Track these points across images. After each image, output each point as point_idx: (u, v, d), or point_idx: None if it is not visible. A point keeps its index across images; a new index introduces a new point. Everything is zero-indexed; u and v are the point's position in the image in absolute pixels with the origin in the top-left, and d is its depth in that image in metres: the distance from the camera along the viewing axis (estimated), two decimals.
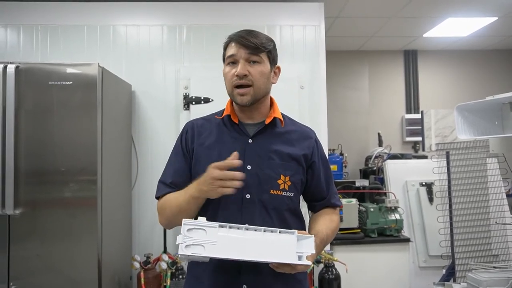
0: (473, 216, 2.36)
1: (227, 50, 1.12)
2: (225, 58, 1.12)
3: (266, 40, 1.12)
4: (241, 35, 1.09)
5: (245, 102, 1.09)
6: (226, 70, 1.12)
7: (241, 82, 1.07)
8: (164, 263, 2.26)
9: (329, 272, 2.38)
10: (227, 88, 1.12)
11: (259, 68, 1.09)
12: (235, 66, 1.08)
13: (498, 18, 3.42)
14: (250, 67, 1.08)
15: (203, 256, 0.91)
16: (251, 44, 1.07)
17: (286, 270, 0.95)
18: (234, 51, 1.08)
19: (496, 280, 1.96)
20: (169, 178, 1.15)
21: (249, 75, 1.07)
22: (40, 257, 1.88)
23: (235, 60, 1.09)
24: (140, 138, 2.58)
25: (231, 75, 1.09)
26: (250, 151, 1.11)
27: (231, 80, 1.09)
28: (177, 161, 1.16)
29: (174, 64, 2.61)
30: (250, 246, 0.95)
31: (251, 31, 1.12)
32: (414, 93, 4.37)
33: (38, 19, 2.58)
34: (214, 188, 0.97)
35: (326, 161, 1.24)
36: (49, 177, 1.91)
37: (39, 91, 1.91)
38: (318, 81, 2.67)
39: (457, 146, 2.38)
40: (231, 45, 1.10)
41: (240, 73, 1.06)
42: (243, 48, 1.07)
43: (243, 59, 1.08)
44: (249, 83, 1.07)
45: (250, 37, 1.08)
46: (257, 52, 1.08)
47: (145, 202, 2.54)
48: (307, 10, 2.70)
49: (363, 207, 2.68)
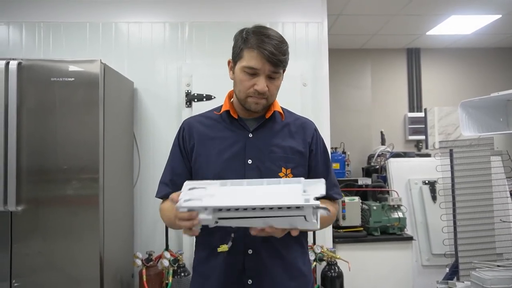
0: (476, 214, 2.34)
1: (247, 57, 1.04)
2: (243, 64, 1.05)
3: (288, 52, 1.07)
4: (271, 51, 1.01)
5: (258, 109, 1.09)
6: (241, 77, 1.06)
7: (259, 96, 1.06)
8: (166, 261, 2.25)
9: (331, 270, 2.37)
10: (240, 94, 1.09)
11: (276, 83, 1.08)
12: (254, 77, 1.04)
13: (502, 16, 3.40)
14: (269, 83, 1.05)
15: (203, 207, 0.84)
16: (279, 63, 1.04)
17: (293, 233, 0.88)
18: (258, 65, 1.03)
19: (500, 278, 1.95)
20: (167, 177, 1.15)
21: (267, 91, 1.06)
22: (42, 255, 1.88)
23: (256, 73, 1.04)
24: (142, 136, 2.58)
25: (248, 85, 1.05)
26: (251, 145, 1.10)
27: (247, 90, 1.06)
28: (175, 159, 1.16)
29: (176, 61, 2.61)
30: (251, 195, 0.87)
31: (278, 40, 1.04)
32: (417, 91, 4.35)
33: (40, 17, 2.58)
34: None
35: (326, 151, 1.22)
36: (51, 175, 1.91)
37: (41, 87, 1.91)
38: (321, 78, 2.65)
39: (461, 144, 2.36)
40: (255, 55, 1.02)
41: (262, 91, 1.04)
42: (269, 65, 1.03)
43: (264, 75, 1.04)
44: (265, 96, 1.07)
45: (280, 53, 1.03)
46: (280, 68, 1.06)
47: (147, 200, 2.54)
48: (310, 7, 2.69)
49: (366, 205, 2.67)
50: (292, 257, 1.10)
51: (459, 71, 4.40)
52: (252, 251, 1.05)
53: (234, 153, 1.10)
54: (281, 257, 1.08)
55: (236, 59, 1.09)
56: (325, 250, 2.39)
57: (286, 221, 0.84)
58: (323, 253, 2.36)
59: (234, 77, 1.10)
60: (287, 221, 0.84)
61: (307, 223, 0.83)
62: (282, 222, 0.85)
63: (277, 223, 0.85)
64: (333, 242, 2.55)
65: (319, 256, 2.35)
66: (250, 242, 1.05)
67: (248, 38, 1.05)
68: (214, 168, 1.08)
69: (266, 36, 1.04)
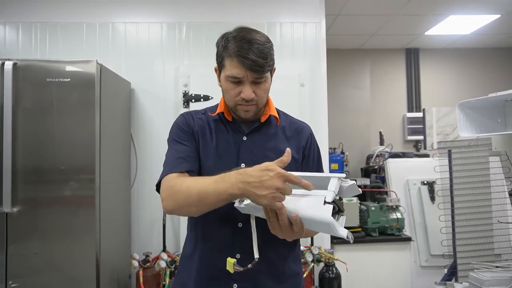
0: (475, 215, 2.33)
1: (229, 66, 1.01)
2: (226, 74, 1.02)
3: (271, 54, 1.02)
4: (252, 60, 0.96)
5: (248, 116, 1.07)
6: (227, 86, 1.03)
7: (246, 104, 1.03)
8: (163, 262, 2.25)
9: (329, 271, 2.36)
10: (228, 102, 1.07)
11: (263, 87, 1.04)
12: (239, 85, 1.02)
13: (501, 16, 3.39)
14: (255, 88, 1.02)
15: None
16: (259, 69, 0.99)
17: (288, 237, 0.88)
18: (240, 74, 0.99)
19: (498, 279, 1.94)
20: (184, 153, 1.04)
21: (255, 97, 1.03)
22: (38, 256, 1.87)
23: (240, 80, 1.01)
24: (139, 136, 2.57)
25: (235, 93, 1.03)
26: (244, 149, 1.09)
27: (234, 98, 1.04)
28: (187, 141, 1.08)
29: (173, 62, 2.60)
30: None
31: (259, 45, 0.99)
32: (415, 91, 4.34)
33: (37, 17, 2.57)
34: (270, 199, 0.82)
35: (319, 157, 1.20)
36: (46, 175, 1.90)
37: (37, 88, 1.90)
38: (319, 79, 2.64)
39: (459, 144, 2.35)
40: (235, 63, 0.99)
41: (248, 97, 1.01)
42: (251, 73, 0.99)
43: (249, 82, 1.01)
44: (254, 102, 1.04)
45: (261, 58, 0.97)
46: (264, 73, 1.02)
47: (144, 201, 2.53)
48: (308, 7, 2.68)
49: (364, 206, 2.66)
50: (282, 261, 1.09)
51: (458, 71, 4.39)
52: (240, 256, 1.03)
53: (227, 155, 1.08)
54: (270, 261, 1.05)
55: (220, 68, 1.07)
56: (323, 251, 2.38)
57: (302, 204, 0.83)
58: (321, 254, 2.35)
59: (221, 85, 1.08)
60: (303, 204, 0.83)
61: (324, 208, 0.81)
62: (297, 204, 0.84)
63: (291, 204, 0.83)
64: (331, 243, 2.54)
65: (317, 257, 2.34)
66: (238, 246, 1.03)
67: (228, 45, 1.01)
68: (208, 168, 1.07)
69: (246, 41, 0.99)
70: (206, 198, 0.91)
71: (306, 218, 0.83)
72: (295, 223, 0.84)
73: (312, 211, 0.81)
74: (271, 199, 0.82)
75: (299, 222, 0.84)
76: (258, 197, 0.83)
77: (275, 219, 0.86)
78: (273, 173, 0.82)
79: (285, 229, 0.87)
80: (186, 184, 0.95)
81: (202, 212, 0.96)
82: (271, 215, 0.86)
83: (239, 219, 1.03)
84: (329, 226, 0.79)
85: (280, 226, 0.86)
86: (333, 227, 0.79)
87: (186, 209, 0.95)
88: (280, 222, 0.86)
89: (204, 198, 0.91)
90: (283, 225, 0.86)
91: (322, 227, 0.83)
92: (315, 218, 0.81)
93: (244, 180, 0.85)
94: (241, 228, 1.04)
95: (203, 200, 0.91)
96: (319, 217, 0.80)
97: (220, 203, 0.91)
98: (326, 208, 0.80)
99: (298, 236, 0.90)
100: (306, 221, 0.83)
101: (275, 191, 0.82)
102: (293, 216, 0.83)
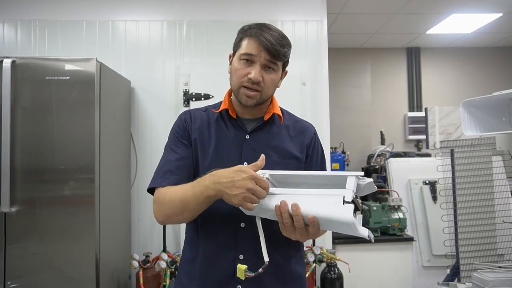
0: (478, 215, 2.32)
1: (245, 44, 1.02)
2: (240, 52, 1.03)
3: (288, 48, 1.04)
4: (268, 39, 0.99)
5: (249, 104, 1.05)
6: (237, 66, 1.03)
7: (252, 86, 1.02)
8: (164, 262, 2.22)
9: (331, 272, 2.34)
10: (233, 83, 1.06)
11: (272, 76, 1.04)
12: (249, 66, 1.01)
13: (503, 15, 3.38)
14: (264, 74, 1.02)
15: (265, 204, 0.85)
16: (275, 52, 1.00)
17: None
18: (255, 51, 1.00)
19: (502, 280, 1.92)
20: (173, 164, 1.04)
21: (261, 82, 1.02)
22: (37, 256, 1.85)
23: (252, 60, 1.01)
24: (139, 135, 2.54)
25: (243, 74, 1.02)
26: (247, 148, 1.07)
27: (241, 78, 1.03)
28: (179, 148, 1.08)
29: (174, 60, 2.58)
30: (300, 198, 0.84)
31: (279, 34, 1.02)
32: (416, 91, 4.33)
33: (36, 15, 2.54)
34: (242, 200, 0.85)
35: (323, 158, 1.18)
36: (46, 175, 1.88)
37: (36, 86, 1.88)
38: (321, 77, 2.63)
39: (462, 144, 2.34)
40: (253, 42, 1.00)
41: (255, 79, 1.00)
42: (266, 53, 1.00)
43: (260, 63, 1.01)
44: (259, 89, 1.03)
45: (278, 43, 1.00)
46: (277, 60, 1.02)
47: (144, 200, 2.51)
48: (309, 5, 2.66)
49: (366, 206, 2.64)
50: (287, 263, 1.07)
51: (458, 71, 4.37)
52: (243, 257, 1.01)
53: (230, 154, 1.06)
54: (274, 262, 1.02)
55: (235, 50, 1.07)
56: (325, 251, 2.36)
57: (318, 204, 0.81)
58: (322, 255, 2.33)
59: (231, 68, 1.08)
60: (319, 205, 0.81)
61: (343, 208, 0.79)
62: (314, 205, 0.81)
63: (307, 205, 0.81)
64: (332, 243, 2.52)
65: (319, 257, 2.32)
66: (241, 247, 1.02)
67: (249, 29, 1.04)
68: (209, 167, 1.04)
69: (267, 27, 1.03)
70: (187, 205, 0.94)
71: (324, 218, 0.80)
72: (313, 224, 0.82)
73: (331, 211, 0.79)
74: (242, 199, 0.85)
75: (316, 223, 0.81)
76: (230, 196, 0.86)
77: (289, 220, 0.84)
78: (245, 175, 0.85)
79: (299, 231, 0.84)
80: (169, 195, 0.98)
81: (191, 218, 0.99)
82: (285, 217, 0.84)
83: (241, 219, 1.01)
84: (350, 226, 0.77)
85: (295, 228, 0.84)
86: (354, 227, 0.78)
87: (174, 218, 0.99)
88: (295, 224, 0.83)
89: (186, 205, 0.94)
90: (298, 227, 0.83)
91: (341, 227, 0.80)
92: (335, 219, 0.79)
93: (217, 181, 0.88)
94: (244, 228, 1.02)
95: (186, 207, 0.94)
96: (339, 217, 0.78)
97: (202, 206, 0.94)
98: (346, 208, 0.78)
99: (313, 237, 0.89)
100: (324, 221, 0.81)
101: (246, 191, 0.84)
102: (310, 217, 0.80)
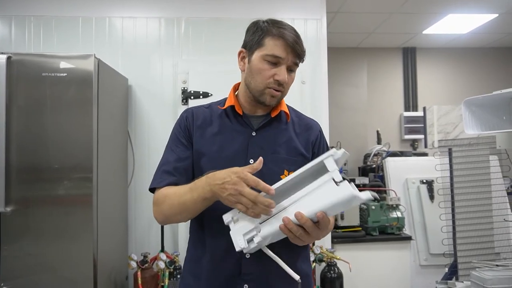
0: (475, 213, 2.33)
1: (271, 45, 1.00)
2: (265, 53, 1.01)
3: (304, 47, 1.06)
4: (295, 40, 1.00)
5: (273, 103, 1.06)
6: (261, 66, 1.01)
7: (279, 88, 1.02)
8: (162, 262, 2.20)
9: (331, 271, 2.33)
10: (257, 84, 1.03)
11: (293, 76, 1.06)
12: (276, 67, 1.01)
13: (499, 15, 3.41)
14: (288, 75, 1.03)
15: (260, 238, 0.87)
16: (302, 54, 1.02)
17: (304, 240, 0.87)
18: (283, 54, 1.00)
19: (500, 278, 1.94)
20: (171, 165, 1.05)
21: (285, 84, 1.03)
22: (33, 256, 1.81)
23: (279, 62, 1.01)
24: (137, 134, 2.51)
25: (269, 75, 1.01)
26: (253, 145, 1.05)
27: (267, 80, 1.02)
28: (178, 148, 1.07)
29: (172, 58, 2.54)
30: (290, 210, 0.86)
31: (297, 33, 1.03)
32: (412, 91, 4.35)
33: (30, 10, 2.49)
34: (232, 202, 0.87)
35: None
36: (42, 174, 1.84)
37: (32, 83, 1.83)
38: (320, 76, 2.62)
39: (461, 143, 2.35)
40: (280, 43, 1.00)
41: (283, 80, 1.00)
42: (293, 55, 1.01)
43: (286, 66, 1.01)
44: (282, 89, 1.04)
45: (301, 45, 1.02)
46: (300, 61, 1.04)
47: (142, 200, 2.47)
48: (309, 4, 2.65)
49: (364, 205, 2.64)
50: (294, 260, 1.05)
51: (454, 71, 4.41)
52: (250, 255, 1.00)
53: (235, 151, 1.05)
54: (281, 258, 1.03)
55: (254, 48, 1.04)
56: (325, 250, 2.35)
57: (317, 199, 0.83)
58: (322, 254, 2.32)
59: (250, 66, 1.04)
60: (318, 199, 0.83)
61: (340, 188, 0.81)
62: (313, 202, 0.83)
63: (308, 206, 0.83)
64: (331, 242, 2.52)
65: (319, 257, 2.31)
66: None
67: (270, 27, 1.02)
68: (213, 165, 1.02)
69: (287, 27, 1.03)
70: (186, 206, 0.95)
71: (330, 207, 0.83)
72: (322, 219, 0.84)
73: (332, 197, 0.82)
74: (232, 201, 0.86)
75: (325, 217, 0.84)
76: (222, 198, 0.88)
77: (301, 231, 0.85)
78: (235, 176, 0.86)
79: (313, 232, 0.85)
80: (168, 196, 1.00)
81: (191, 218, 1.01)
82: (294, 231, 0.84)
83: None
84: (354, 199, 0.80)
85: (309, 233, 0.85)
86: (358, 198, 0.80)
87: (173, 218, 1.01)
88: (307, 230, 0.85)
89: (184, 207, 0.96)
90: (311, 231, 0.85)
91: (345, 205, 0.83)
92: (339, 201, 0.81)
93: (210, 183, 0.89)
94: None
95: (184, 208, 0.96)
96: (342, 199, 0.81)
97: (200, 207, 0.95)
98: (343, 187, 0.81)
99: (326, 232, 0.90)
100: (330, 209, 0.83)
101: (235, 192, 0.85)
102: (319, 214, 0.83)
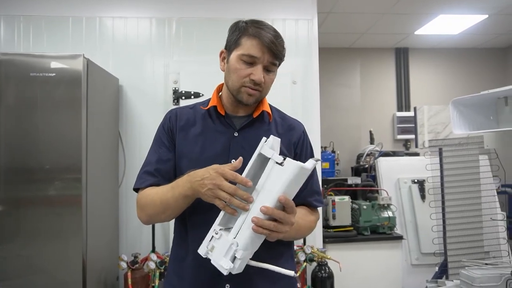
0: (465, 213, 2.35)
1: (247, 45, 1.00)
2: (241, 52, 1.01)
3: (284, 48, 1.05)
4: (272, 40, 0.99)
5: (250, 102, 1.05)
6: (237, 66, 1.01)
7: (254, 87, 1.02)
8: (153, 263, 2.19)
9: (322, 271, 2.34)
10: (233, 83, 1.04)
11: (271, 76, 1.05)
12: (251, 67, 1.00)
13: (489, 16, 3.44)
14: (265, 75, 1.02)
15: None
16: (279, 54, 1.01)
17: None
18: (258, 54, 0.99)
19: (489, 276, 1.96)
20: (152, 166, 1.06)
21: (263, 82, 1.02)
22: (22, 257, 1.80)
23: (255, 62, 1.00)
24: (128, 134, 2.50)
25: (244, 74, 1.01)
26: (235, 145, 1.06)
27: (242, 79, 1.02)
28: (160, 150, 1.09)
29: (163, 58, 2.54)
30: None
31: (276, 33, 1.02)
32: (405, 91, 4.37)
33: (20, 10, 2.47)
34: (211, 197, 0.87)
35: (312, 156, 1.17)
36: (31, 174, 1.83)
37: (20, 83, 1.83)
38: (311, 75, 2.63)
39: (450, 143, 2.37)
40: (256, 43, 0.99)
41: (259, 80, 1.00)
42: (269, 55, 1.00)
43: (262, 65, 1.01)
44: (260, 89, 1.03)
45: (279, 45, 1.01)
46: (278, 61, 1.03)
47: (132, 200, 2.45)
48: (300, 4, 2.66)
49: (356, 205, 2.65)
50: (275, 260, 1.03)
51: (446, 71, 4.44)
52: None
53: (217, 151, 1.05)
54: (262, 260, 1.02)
55: (232, 48, 1.04)
56: (316, 250, 2.36)
57: (272, 186, 0.84)
58: (313, 254, 2.33)
59: (228, 66, 1.05)
60: (273, 186, 0.84)
61: (285, 167, 0.82)
62: (270, 191, 0.84)
63: (267, 197, 0.83)
64: (323, 242, 2.53)
65: (310, 256, 2.32)
66: None
67: (247, 27, 1.02)
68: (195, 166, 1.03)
69: (263, 25, 1.03)
70: (168, 205, 0.96)
71: (286, 187, 0.83)
72: (287, 203, 0.83)
73: (284, 178, 0.83)
74: (211, 196, 0.87)
75: (288, 200, 0.83)
76: (201, 194, 0.89)
77: (275, 224, 0.84)
78: (214, 171, 0.87)
79: (285, 218, 0.84)
80: (150, 196, 1.01)
81: (175, 216, 1.02)
82: (270, 227, 0.83)
83: None
84: (301, 170, 0.82)
85: (283, 223, 0.85)
86: (305, 170, 0.83)
87: (156, 217, 1.02)
88: (281, 220, 0.84)
89: (166, 205, 0.97)
90: (281, 216, 0.84)
91: (298, 179, 0.85)
92: (291, 178, 0.82)
93: (190, 180, 0.91)
94: None
95: (167, 207, 0.97)
96: (291, 174, 0.82)
97: (182, 205, 0.96)
98: (287, 165, 0.83)
99: (307, 222, 1.00)
100: (288, 189, 0.84)
101: (214, 187, 0.85)
102: (281, 198, 0.83)
